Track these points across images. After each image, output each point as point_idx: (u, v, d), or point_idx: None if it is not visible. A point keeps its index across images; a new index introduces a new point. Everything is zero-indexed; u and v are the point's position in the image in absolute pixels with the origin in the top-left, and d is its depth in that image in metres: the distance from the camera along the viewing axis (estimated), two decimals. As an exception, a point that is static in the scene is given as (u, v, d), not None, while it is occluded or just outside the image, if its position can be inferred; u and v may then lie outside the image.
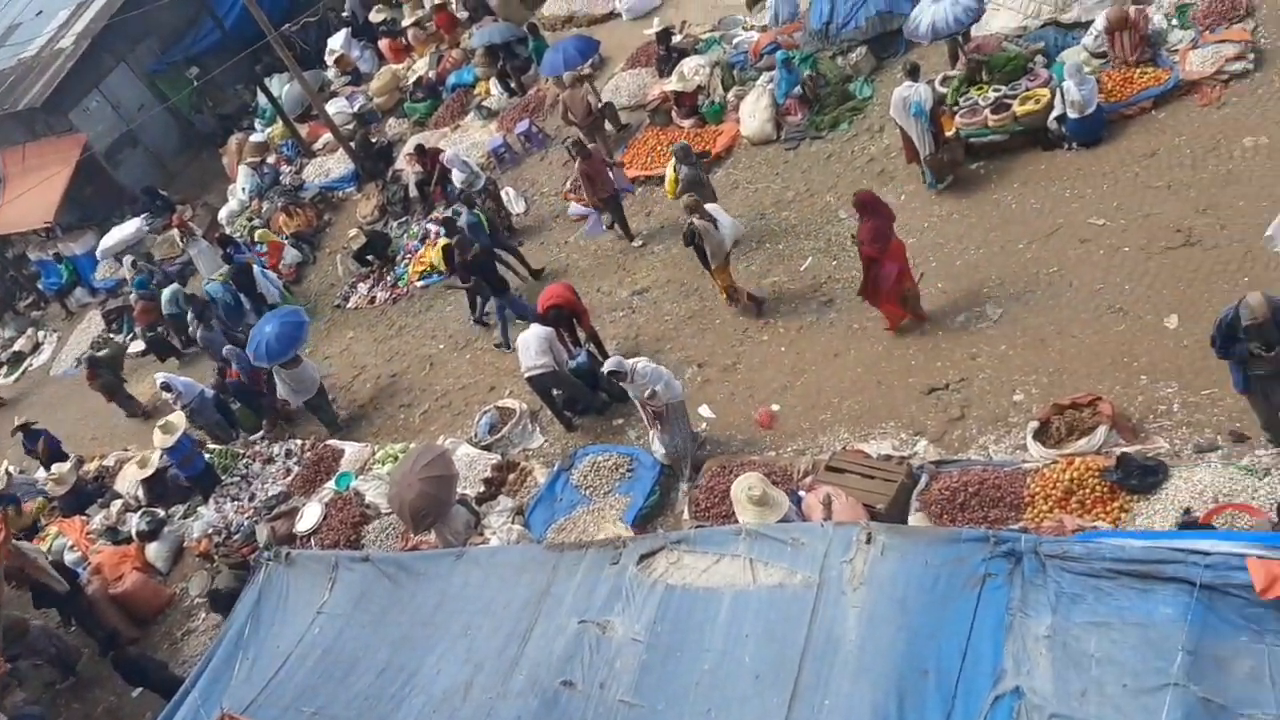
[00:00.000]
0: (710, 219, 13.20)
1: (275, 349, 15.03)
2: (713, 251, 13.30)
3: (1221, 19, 13.38)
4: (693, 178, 14.25)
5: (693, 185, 14.19)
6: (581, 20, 22.71)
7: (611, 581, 8.35)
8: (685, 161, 14.42)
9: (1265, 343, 8.29)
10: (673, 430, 11.71)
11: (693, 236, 13.27)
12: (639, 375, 11.39)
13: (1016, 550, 6.94)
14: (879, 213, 11.78)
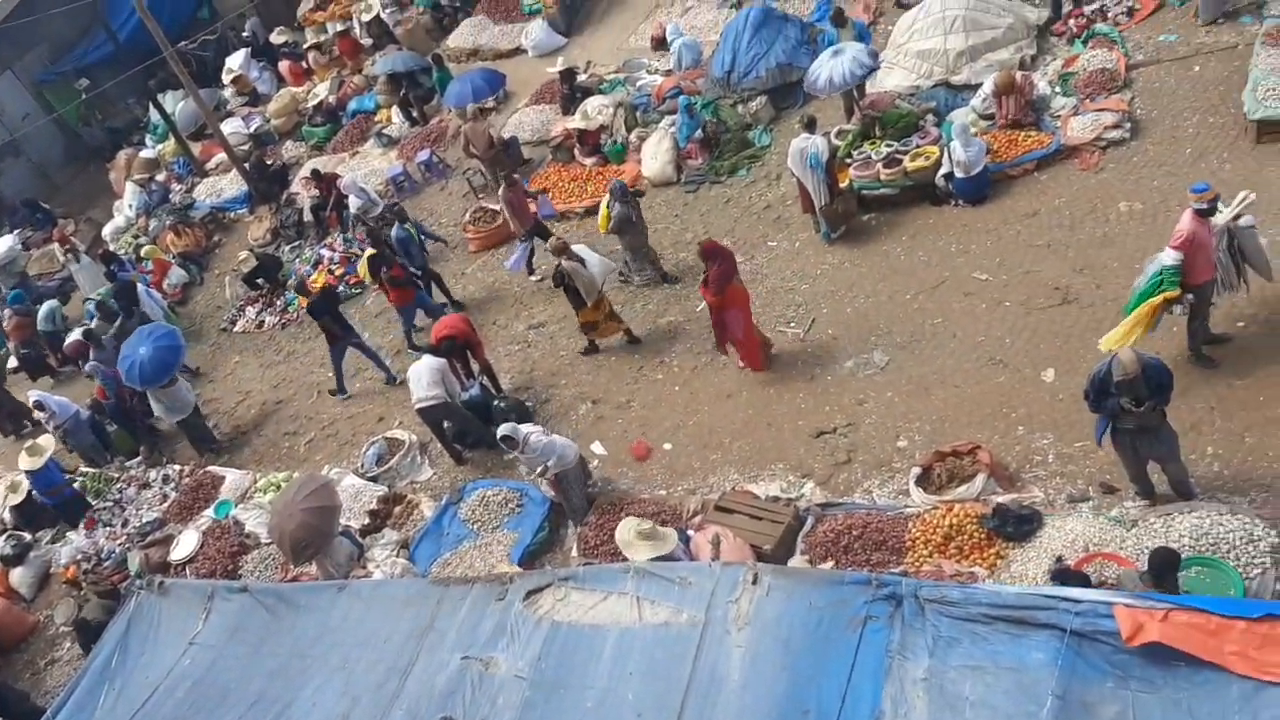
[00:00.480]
0: (578, 259, 13.43)
1: (150, 374, 14.66)
2: (586, 290, 13.48)
3: (1101, 89, 14.04)
4: (624, 215, 14.18)
5: (624, 223, 14.22)
6: (487, 54, 22.74)
7: (496, 617, 8.29)
8: (620, 199, 14.27)
9: (1135, 398, 8.66)
10: (568, 494, 11.59)
11: (562, 278, 13.40)
12: (530, 448, 11.16)
13: (897, 594, 7.11)
14: (723, 260, 12.28)
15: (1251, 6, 14.41)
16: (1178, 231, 9.85)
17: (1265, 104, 12.43)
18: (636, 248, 14.52)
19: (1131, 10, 15.42)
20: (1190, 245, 9.75)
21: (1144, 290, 10.06)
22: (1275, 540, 8.49)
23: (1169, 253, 9.86)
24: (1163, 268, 9.87)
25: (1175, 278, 9.82)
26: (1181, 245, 9.77)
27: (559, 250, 13.45)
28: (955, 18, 15.51)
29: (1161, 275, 9.88)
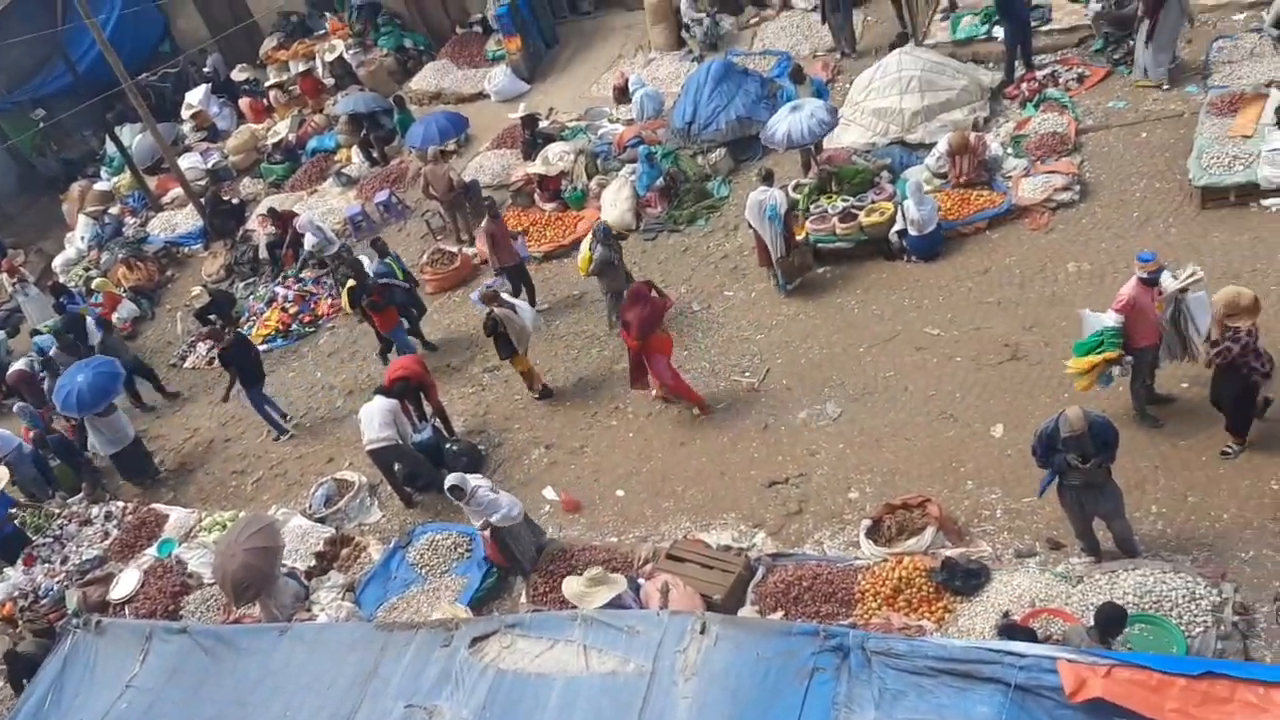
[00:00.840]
0: (509, 306, 13.59)
1: (87, 399, 14.55)
2: (517, 337, 13.60)
3: (1052, 151, 14.36)
4: (606, 258, 14.11)
5: (606, 265, 14.16)
6: (450, 97, 22.85)
7: (442, 664, 8.18)
8: (603, 242, 14.20)
9: (1081, 455, 8.79)
10: (512, 551, 11.34)
11: (495, 325, 13.47)
12: (476, 501, 10.98)
13: (845, 645, 7.11)
14: (649, 305, 12.57)
15: (1197, 77, 14.85)
16: (1120, 295, 10.09)
17: (1209, 171, 12.78)
18: (617, 291, 14.25)
19: (1082, 77, 15.83)
20: (1131, 310, 9.99)
21: (1082, 344, 10.29)
22: (1217, 599, 8.61)
23: (1110, 315, 10.09)
24: (1104, 328, 10.08)
25: (1115, 339, 10.05)
26: (1122, 309, 10.02)
27: (488, 299, 13.60)
28: (911, 78, 15.83)
29: (1102, 335, 10.08)
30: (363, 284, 15.20)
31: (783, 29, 20.21)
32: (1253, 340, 9.52)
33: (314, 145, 22.82)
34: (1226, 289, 9.72)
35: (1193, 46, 15.49)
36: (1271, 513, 9.38)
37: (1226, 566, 9.10)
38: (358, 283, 15.27)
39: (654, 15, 21.11)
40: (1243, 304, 9.49)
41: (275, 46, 26.43)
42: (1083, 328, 10.43)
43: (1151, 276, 9.92)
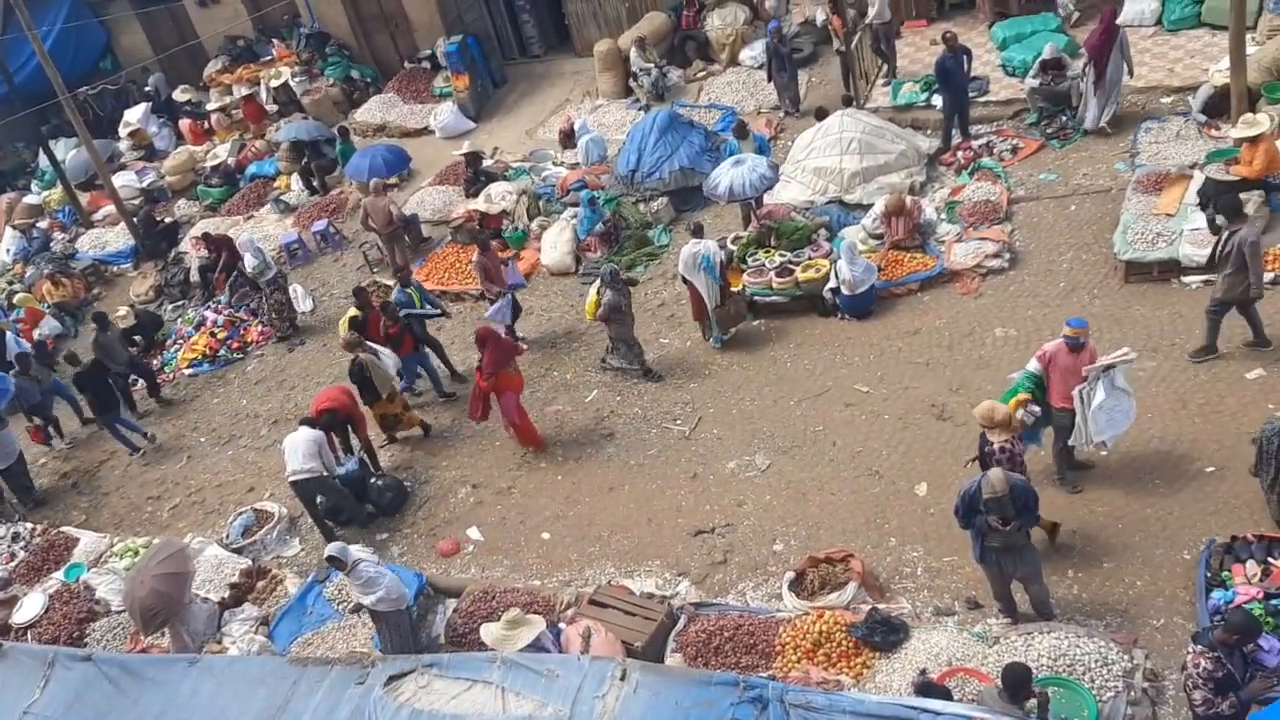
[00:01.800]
0: (373, 352, 13.68)
1: None
2: (380, 383, 13.64)
3: (984, 219, 14.73)
4: (615, 303, 13.80)
5: (614, 311, 13.84)
6: (394, 130, 22.84)
7: (355, 702, 8.00)
8: (612, 285, 13.84)
9: (1002, 518, 8.93)
10: (388, 637, 10.62)
11: (360, 370, 13.53)
12: (355, 575, 10.31)
13: (764, 697, 7.10)
14: (497, 347, 13.09)
15: (1126, 155, 15.37)
16: (1043, 348, 10.43)
17: (1134, 246, 13.19)
18: (623, 336, 14.14)
19: (1015, 148, 16.29)
20: (1049, 364, 10.30)
21: (1007, 393, 10.58)
22: (1128, 665, 8.77)
23: (1031, 362, 10.48)
24: (1025, 374, 10.47)
25: (1029, 384, 10.39)
26: (1041, 359, 10.37)
27: (351, 345, 13.77)
28: (852, 140, 16.17)
29: (1016, 389, 10.45)
30: (389, 309, 14.49)
31: (729, 84, 20.56)
32: (1005, 455, 9.59)
33: (253, 171, 22.62)
34: (984, 402, 10.01)
35: (1121, 126, 16.02)
36: (1183, 582, 9.60)
37: (1138, 633, 9.27)
38: (360, 311, 14.76)
39: (603, 63, 21.35)
40: (996, 419, 9.70)
41: (220, 69, 26.27)
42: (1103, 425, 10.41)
43: (1071, 341, 10.17)
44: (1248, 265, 11.05)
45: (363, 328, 14.46)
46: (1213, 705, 7.52)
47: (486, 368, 13.03)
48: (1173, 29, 17.64)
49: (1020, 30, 18.21)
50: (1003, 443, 9.65)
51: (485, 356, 13.03)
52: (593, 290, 14.50)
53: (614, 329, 14.13)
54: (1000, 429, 9.67)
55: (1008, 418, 9.73)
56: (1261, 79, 15.15)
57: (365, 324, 14.52)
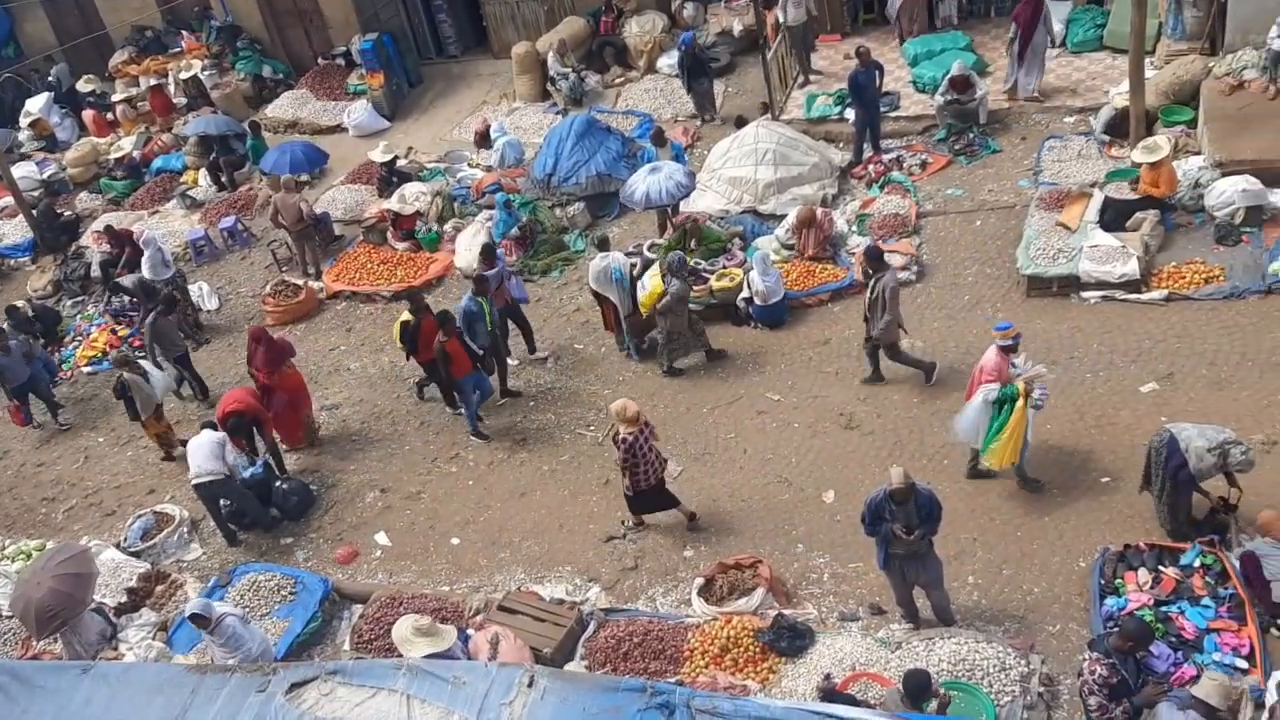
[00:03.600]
0: (141, 373, 13.69)
1: None
2: (142, 404, 13.74)
3: (893, 232, 15.01)
4: (683, 294, 13.44)
5: (679, 302, 13.45)
6: (306, 127, 22.47)
7: (255, 710, 7.83)
8: (678, 275, 13.40)
9: (906, 526, 9.11)
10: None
11: (124, 389, 13.56)
12: (219, 633, 9.75)
13: (671, 703, 7.12)
14: (273, 346, 13.56)
15: (1029, 172, 15.80)
16: (986, 367, 10.49)
17: (1035, 262, 13.56)
18: (678, 329, 13.70)
19: (924, 163, 16.64)
20: (1000, 378, 10.41)
21: (989, 436, 10.53)
22: (1025, 670, 9.01)
23: (987, 388, 10.41)
24: (1000, 396, 10.34)
25: (1011, 391, 10.29)
26: (997, 378, 10.39)
27: (121, 363, 13.79)
28: (766, 151, 16.36)
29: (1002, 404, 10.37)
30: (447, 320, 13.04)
31: (646, 91, 20.64)
32: (637, 445, 10.88)
33: (159, 164, 22.06)
34: (620, 400, 11.26)
35: (1026, 144, 16.48)
36: (1078, 589, 9.90)
37: (1035, 638, 9.54)
38: (415, 316, 13.45)
39: (520, 65, 21.28)
40: (628, 414, 10.86)
41: (126, 60, 25.56)
42: (967, 429, 10.71)
43: (1010, 344, 10.40)
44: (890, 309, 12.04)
45: (415, 335, 13.44)
46: (1107, 711, 7.77)
47: (263, 365, 13.46)
48: (1076, 50, 18.17)
49: (931, 47, 18.62)
50: (626, 433, 10.88)
51: (259, 355, 13.42)
52: (650, 279, 14.14)
53: (670, 321, 13.63)
54: (628, 423, 10.88)
55: (636, 414, 10.90)
56: (1159, 102, 15.73)
57: (418, 331, 13.41)
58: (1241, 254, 13.14)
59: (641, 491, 11.35)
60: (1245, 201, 13.35)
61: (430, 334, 13.19)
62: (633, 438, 10.94)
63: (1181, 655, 8.84)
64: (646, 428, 11.12)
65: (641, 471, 11.17)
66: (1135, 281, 13.04)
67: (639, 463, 11.10)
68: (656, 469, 11.29)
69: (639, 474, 11.18)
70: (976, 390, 10.63)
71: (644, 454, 11.09)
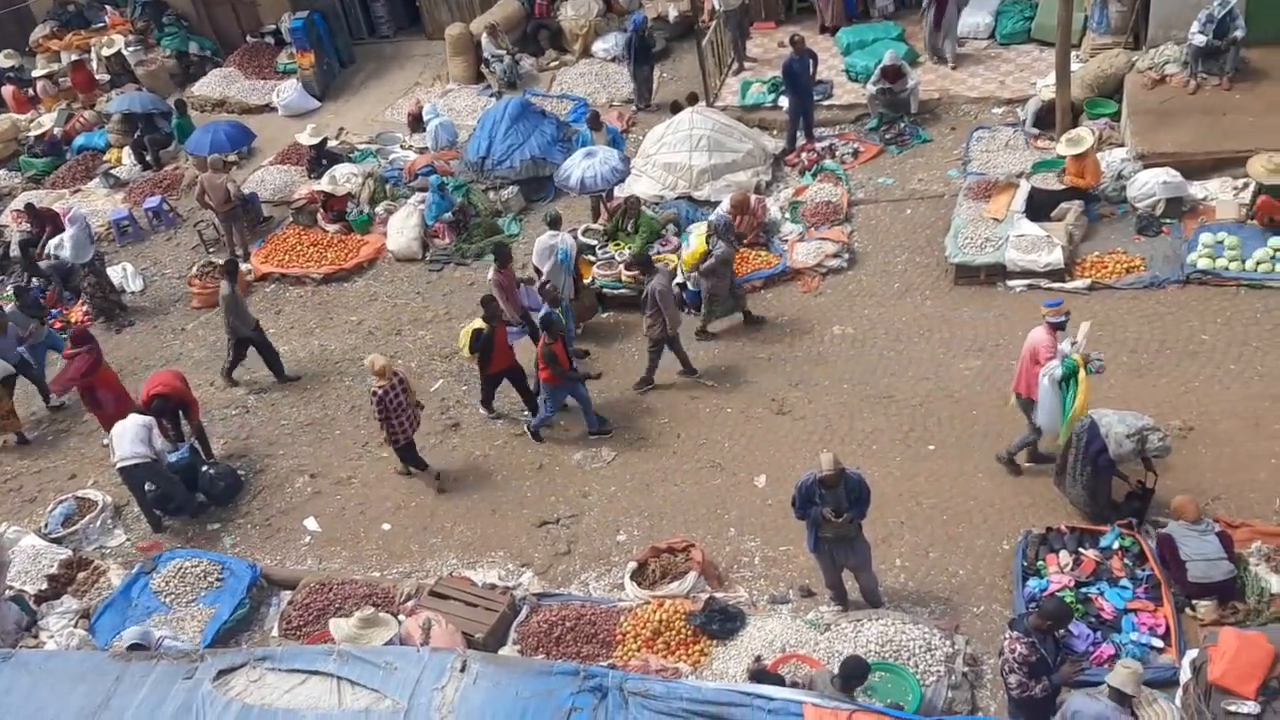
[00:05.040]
0: None
1: None
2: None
3: (826, 220, 15.16)
4: (728, 256, 13.34)
5: (724, 265, 13.37)
6: (234, 106, 22.04)
7: (182, 698, 7.75)
8: (724, 237, 13.32)
9: (836, 509, 9.24)
10: None
11: None
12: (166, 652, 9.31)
13: (603, 686, 7.19)
14: (92, 346, 13.57)
15: (958, 162, 16.05)
16: (1044, 347, 10.25)
17: (963, 250, 13.80)
18: (718, 292, 13.61)
19: (856, 152, 16.82)
20: (1055, 354, 10.22)
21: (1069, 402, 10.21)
22: (950, 651, 9.20)
23: (1050, 368, 10.18)
24: (1064, 374, 10.09)
25: (1071, 364, 10.05)
26: (1053, 357, 10.20)
27: None
28: (701, 137, 16.41)
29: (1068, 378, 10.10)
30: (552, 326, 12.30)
31: (582, 75, 20.58)
32: (388, 399, 11.64)
33: (81, 142, 21.50)
34: (371, 355, 12.26)
35: (955, 134, 16.74)
36: (1002, 571, 10.13)
37: (960, 620, 9.75)
38: (489, 324, 12.49)
39: (454, 47, 21.08)
40: (376, 368, 11.74)
41: (47, 35, 24.88)
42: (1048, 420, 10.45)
43: (1060, 320, 10.29)
44: (661, 310, 12.44)
45: (488, 344, 12.57)
46: (1027, 688, 7.96)
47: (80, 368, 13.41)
48: (1005, 43, 18.50)
49: (863, 37, 18.81)
50: (377, 387, 11.64)
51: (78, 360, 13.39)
52: (695, 237, 14.04)
53: (714, 284, 13.52)
54: (378, 376, 11.71)
55: (384, 368, 11.71)
56: (1084, 95, 16.07)
57: (492, 339, 12.57)
58: (1161, 245, 13.50)
59: (400, 444, 12.13)
60: (1165, 193, 13.72)
61: (504, 343, 12.77)
62: (382, 391, 11.66)
63: (1100, 635, 9.11)
64: (400, 382, 11.90)
65: (397, 424, 11.93)
66: (1059, 270, 13.34)
67: (392, 416, 11.82)
68: (412, 422, 12.12)
69: (394, 427, 11.93)
70: (1034, 373, 10.40)
71: (396, 407, 11.81)
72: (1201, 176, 14.23)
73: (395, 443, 12.18)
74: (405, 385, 12.01)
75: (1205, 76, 15.31)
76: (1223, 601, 9.21)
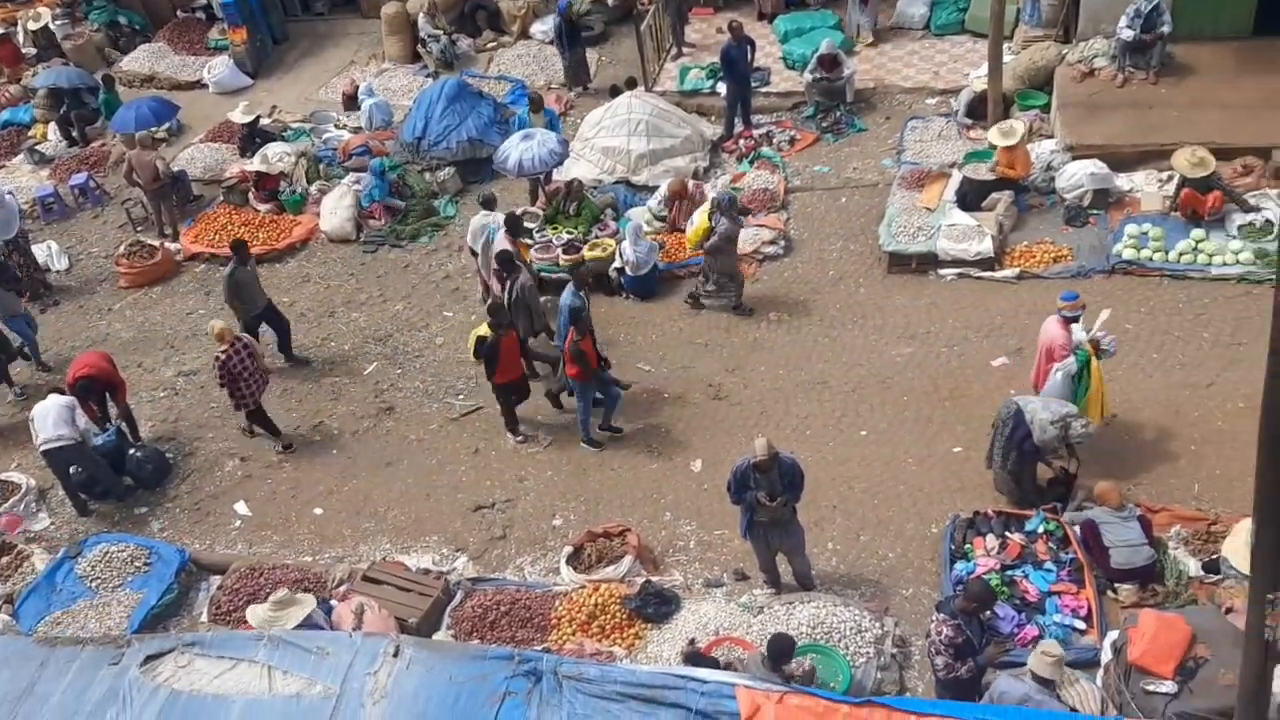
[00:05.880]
0: None
1: None
2: None
3: (763, 207, 15.25)
4: (731, 234, 13.23)
5: (728, 243, 13.27)
6: (164, 82, 21.52)
7: (108, 684, 7.65)
8: (727, 214, 13.14)
9: (770, 492, 9.35)
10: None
11: None
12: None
13: (538, 670, 7.22)
14: None
15: (892, 151, 16.23)
16: (1059, 345, 10.36)
17: (897, 239, 13.97)
18: (726, 269, 13.54)
19: (793, 140, 16.93)
20: (1070, 350, 10.35)
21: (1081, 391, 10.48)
22: (879, 632, 9.36)
23: (1065, 364, 10.33)
24: (1078, 368, 10.33)
25: (1085, 358, 10.28)
26: (1068, 353, 10.35)
27: None
28: (639, 121, 16.41)
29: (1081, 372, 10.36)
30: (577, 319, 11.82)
31: (519, 57, 20.43)
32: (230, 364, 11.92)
33: (6, 117, 20.91)
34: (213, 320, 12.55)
35: (890, 124, 16.92)
36: (930, 554, 10.32)
37: (889, 602, 9.93)
38: (494, 331, 11.78)
39: (390, 26, 20.81)
40: (215, 333, 12.02)
41: (-29, 7, 24.09)
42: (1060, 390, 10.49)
43: (1075, 315, 10.41)
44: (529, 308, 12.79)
45: (493, 353, 11.79)
46: (953, 669, 8.14)
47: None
48: (939, 34, 18.71)
49: (801, 25, 18.91)
50: (219, 352, 11.92)
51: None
52: (700, 215, 13.83)
53: (718, 261, 13.44)
54: (219, 341, 11.98)
55: (222, 331, 12.00)
56: (1016, 86, 16.33)
57: (497, 348, 11.76)
58: (1088, 235, 13.79)
59: (248, 409, 12.48)
60: (1093, 185, 14.01)
61: (512, 352, 12.01)
62: (225, 356, 11.97)
63: (1024, 616, 9.33)
64: (244, 348, 12.16)
65: (244, 388, 12.24)
66: (989, 260, 13.56)
67: (237, 380, 12.12)
68: (260, 386, 12.45)
69: (240, 391, 12.24)
70: (1049, 369, 10.52)
71: (240, 372, 12.09)
72: (1128, 169, 14.54)
73: (243, 407, 12.45)
74: (252, 350, 12.33)
75: (1132, 71, 15.64)
76: (1143, 585, 9.47)
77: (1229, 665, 7.83)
